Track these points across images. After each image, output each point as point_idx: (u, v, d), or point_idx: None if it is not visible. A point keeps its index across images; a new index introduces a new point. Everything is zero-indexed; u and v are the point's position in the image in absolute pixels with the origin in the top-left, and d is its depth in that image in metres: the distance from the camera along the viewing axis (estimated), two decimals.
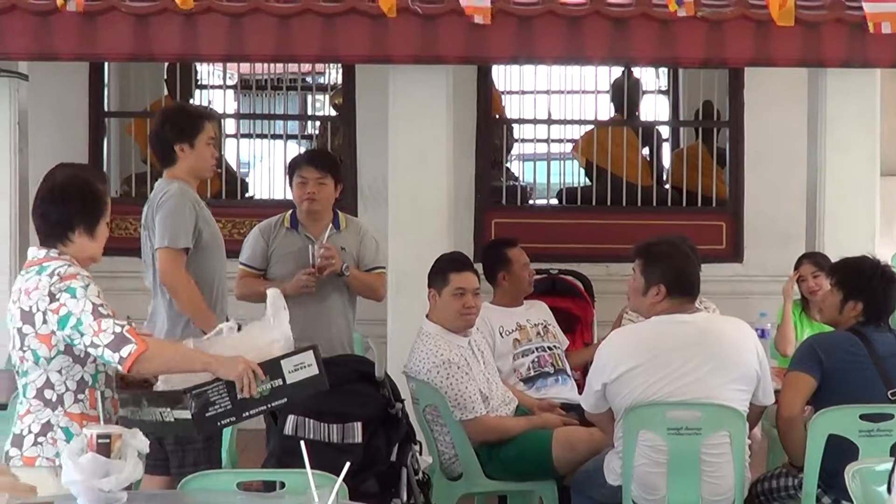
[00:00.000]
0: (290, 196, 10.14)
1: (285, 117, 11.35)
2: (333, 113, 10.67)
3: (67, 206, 4.38)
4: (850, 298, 5.68)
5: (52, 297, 4.18)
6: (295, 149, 11.13)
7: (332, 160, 6.93)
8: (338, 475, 3.47)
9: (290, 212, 6.81)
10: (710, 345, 5.29)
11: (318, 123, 11.23)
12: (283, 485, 4.17)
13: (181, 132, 5.72)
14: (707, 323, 5.43)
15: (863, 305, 5.65)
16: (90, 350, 4.17)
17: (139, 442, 3.87)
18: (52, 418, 4.21)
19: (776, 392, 5.59)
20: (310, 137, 11.27)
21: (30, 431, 4.21)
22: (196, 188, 5.91)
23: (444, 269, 6.29)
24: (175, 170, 5.79)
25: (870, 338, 5.59)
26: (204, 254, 5.72)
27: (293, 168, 6.76)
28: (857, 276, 5.73)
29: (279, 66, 10.87)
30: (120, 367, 4.16)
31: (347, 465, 3.54)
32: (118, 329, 4.14)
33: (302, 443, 3.65)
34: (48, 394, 4.21)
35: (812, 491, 5.41)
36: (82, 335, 4.15)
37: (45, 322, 4.18)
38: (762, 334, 6.95)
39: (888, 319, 5.77)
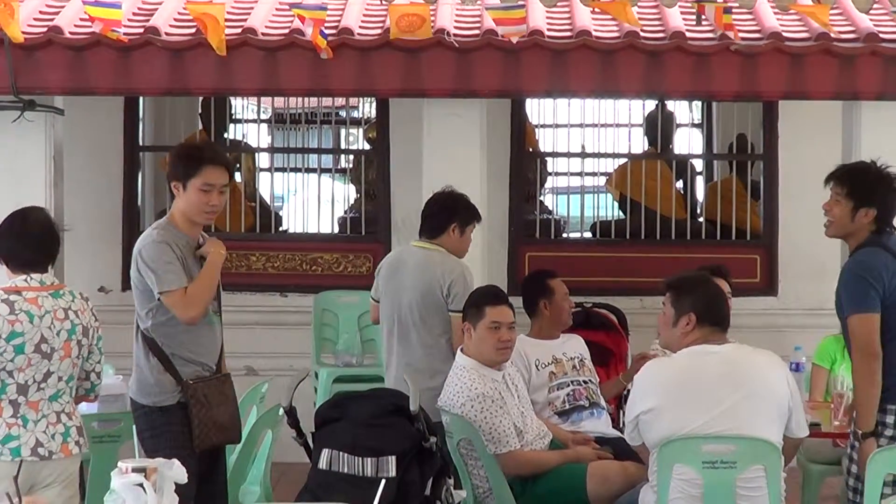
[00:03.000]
0: (324, 230, 10.27)
1: (319, 151, 11.37)
2: (367, 146, 10.70)
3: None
4: (862, 206, 5.59)
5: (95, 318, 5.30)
6: (329, 183, 11.17)
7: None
8: None
9: None
10: (740, 376, 5.28)
11: (351, 157, 11.26)
12: None
13: (176, 171, 5.55)
14: (737, 353, 5.41)
15: (875, 211, 5.59)
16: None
17: (176, 472, 3.87)
18: None
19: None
20: (343, 171, 11.30)
21: None
22: (190, 230, 5.60)
23: (479, 302, 6.28)
24: (172, 208, 5.67)
25: (892, 248, 5.59)
26: None
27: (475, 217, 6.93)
28: (866, 180, 5.66)
29: (313, 99, 10.91)
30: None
31: (379, 495, 3.54)
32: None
33: None
34: None
35: None
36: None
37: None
38: (796, 368, 6.94)
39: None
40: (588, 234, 10.71)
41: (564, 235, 10.76)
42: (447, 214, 6.82)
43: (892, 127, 8.39)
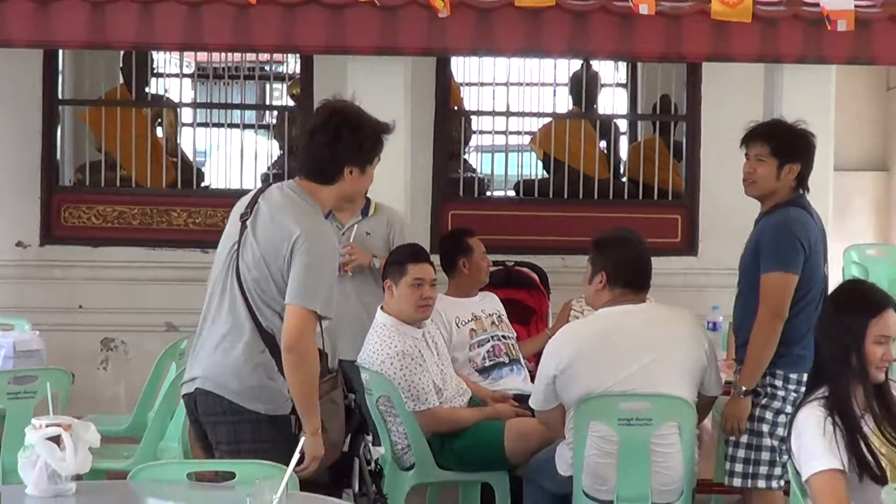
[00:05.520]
0: (247, 186, 10.21)
1: (242, 107, 11.32)
2: (291, 103, 10.63)
3: None
4: (787, 162, 5.62)
5: None
6: (252, 138, 11.09)
7: None
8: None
9: None
10: (656, 335, 5.34)
11: (275, 113, 11.18)
12: (233, 475, 4.16)
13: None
14: (653, 313, 5.48)
15: (799, 167, 5.63)
16: None
17: (91, 436, 3.86)
18: None
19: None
20: (267, 127, 11.23)
21: None
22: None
23: (401, 260, 6.29)
24: None
25: (814, 212, 5.63)
26: None
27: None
28: (788, 137, 5.70)
29: (237, 54, 10.81)
30: None
31: (297, 455, 3.54)
32: None
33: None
34: None
35: None
36: None
37: None
38: (714, 327, 7.01)
39: None
40: (511, 193, 10.73)
41: (488, 194, 10.75)
42: None
43: (813, 89, 8.46)
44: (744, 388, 5.43)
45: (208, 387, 4.60)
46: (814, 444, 4.19)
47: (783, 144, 5.65)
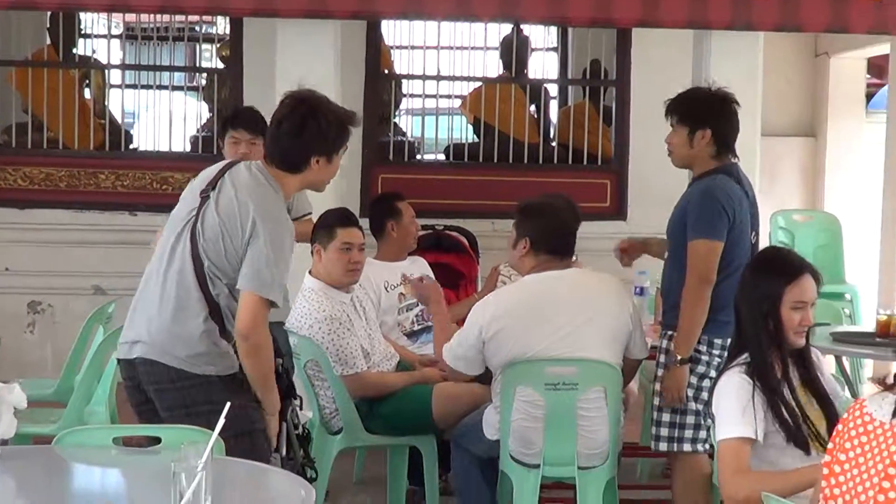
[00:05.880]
0: (176, 148, 10.15)
1: (171, 69, 11.23)
2: (221, 65, 10.57)
3: None
4: (697, 128, 5.58)
5: None
6: (181, 99, 11.02)
7: (263, 121, 6.89)
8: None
9: None
10: (582, 300, 5.37)
11: (205, 75, 11.11)
12: (159, 440, 4.15)
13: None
14: (579, 278, 5.50)
15: (710, 132, 5.59)
16: None
17: (16, 397, 3.84)
18: None
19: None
20: (196, 89, 11.16)
21: None
22: None
23: (330, 224, 6.28)
24: None
25: (742, 181, 5.64)
26: None
27: (226, 127, 6.68)
28: (694, 103, 5.68)
29: (167, 15, 10.73)
30: None
31: (222, 420, 3.53)
32: None
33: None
34: None
35: None
36: None
37: None
38: (640, 292, 7.04)
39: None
40: (441, 157, 10.74)
41: (418, 157, 10.76)
42: None
43: (741, 56, 8.51)
44: (679, 357, 5.46)
45: (153, 356, 4.56)
46: (728, 410, 4.25)
47: (689, 111, 5.64)
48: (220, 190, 4.62)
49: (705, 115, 5.61)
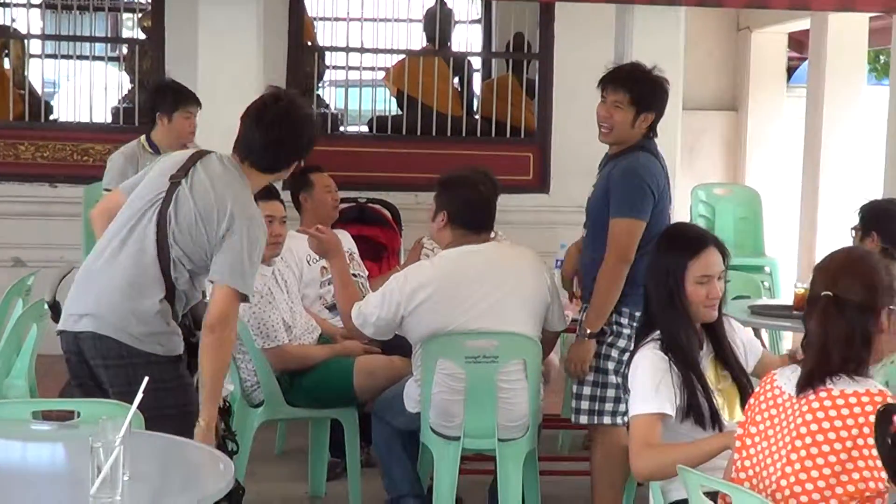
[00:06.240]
0: (97, 119, 10.07)
1: (92, 39, 11.11)
2: (142, 36, 10.48)
3: None
4: (643, 111, 5.54)
5: None
6: (103, 70, 10.92)
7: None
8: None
9: (143, 137, 7.35)
10: (501, 273, 5.40)
11: (126, 46, 11.01)
12: (78, 414, 4.14)
13: None
14: (496, 252, 5.53)
15: (653, 116, 5.59)
16: None
17: None
18: None
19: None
20: (118, 59, 11.06)
21: None
22: None
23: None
24: None
25: (661, 157, 5.66)
26: None
27: (179, 102, 7.19)
28: (646, 86, 5.60)
29: None
30: None
31: (140, 394, 3.53)
32: None
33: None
34: None
35: None
36: None
37: None
38: (561, 264, 7.06)
39: None
40: (365, 129, 10.73)
41: (342, 129, 10.75)
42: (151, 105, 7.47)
43: (663, 31, 8.59)
44: (588, 331, 5.50)
45: (105, 331, 4.56)
46: (641, 386, 4.29)
47: (643, 94, 5.56)
48: (194, 178, 4.65)
49: (654, 100, 5.60)
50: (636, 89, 5.57)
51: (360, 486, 6.10)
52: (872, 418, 3.30)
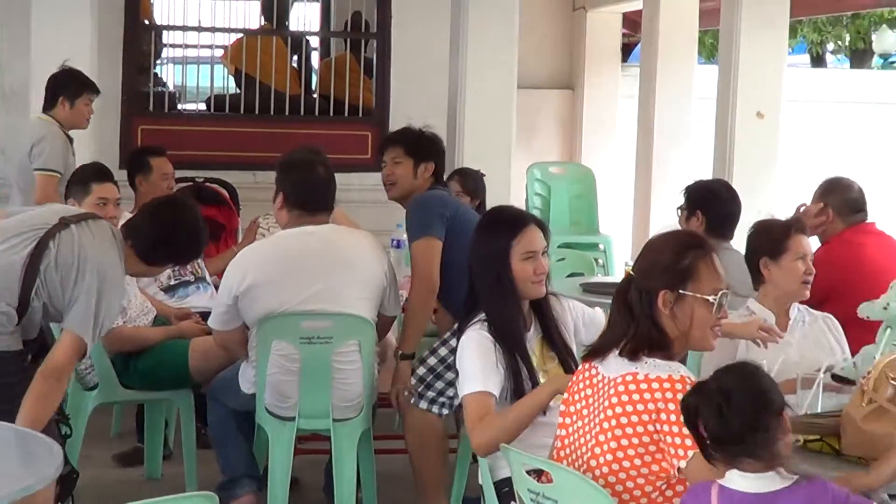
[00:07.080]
0: None
1: None
2: None
3: None
4: (422, 160, 5.92)
5: None
6: None
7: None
8: None
9: (47, 116, 7.32)
10: (337, 255, 5.44)
11: None
12: None
13: None
14: (334, 234, 5.57)
15: (434, 165, 5.95)
16: None
17: None
18: None
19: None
20: None
21: None
22: None
23: (85, 179, 6.25)
24: None
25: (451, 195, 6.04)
26: None
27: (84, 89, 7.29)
28: (417, 139, 6.01)
29: None
30: None
31: None
32: None
33: None
34: None
35: None
36: None
37: None
38: (398, 245, 7.15)
39: None
40: (203, 107, 10.68)
41: (179, 108, 10.68)
42: (53, 89, 7.20)
43: (498, 10, 8.69)
44: (402, 353, 5.64)
45: None
46: (469, 368, 4.39)
47: (418, 145, 5.97)
48: (81, 231, 4.68)
49: (429, 149, 5.99)
50: (409, 142, 6.00)
51: (196, 468, 6.09)
52: (672, 405, 3.42)
